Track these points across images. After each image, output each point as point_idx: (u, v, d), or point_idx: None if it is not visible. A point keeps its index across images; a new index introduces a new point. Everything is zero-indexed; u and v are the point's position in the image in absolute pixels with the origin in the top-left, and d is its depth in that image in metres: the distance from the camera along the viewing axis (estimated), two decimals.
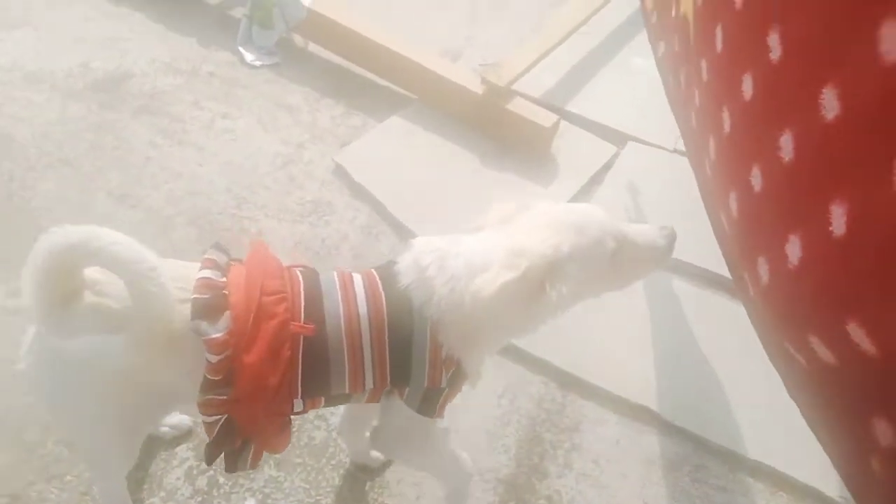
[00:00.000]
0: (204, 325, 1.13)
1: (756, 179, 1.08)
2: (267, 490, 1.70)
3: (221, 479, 1.70)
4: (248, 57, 3.01)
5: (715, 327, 2.18)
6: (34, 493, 1.62)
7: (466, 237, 1.31)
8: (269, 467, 1.73)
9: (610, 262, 1.30)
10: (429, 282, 1.23)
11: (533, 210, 1.32)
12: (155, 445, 1.74)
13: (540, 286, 1.18)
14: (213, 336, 1.12)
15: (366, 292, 1.27)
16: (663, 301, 2.26)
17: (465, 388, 1.36)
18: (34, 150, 2.44)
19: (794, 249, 0.96)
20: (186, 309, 1.14)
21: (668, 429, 1.93)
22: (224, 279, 1.20)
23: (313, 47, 3.13)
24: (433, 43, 3.19)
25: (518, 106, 2.68)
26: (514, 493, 1.77)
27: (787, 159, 0.96)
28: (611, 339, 2.11)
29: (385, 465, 1.77)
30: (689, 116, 1.58)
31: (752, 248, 1.17)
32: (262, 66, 3.00)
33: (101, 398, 1.22)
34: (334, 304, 1.24)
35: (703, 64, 1.35)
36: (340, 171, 2.55)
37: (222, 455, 1.25)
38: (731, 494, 1.82)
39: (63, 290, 1.10)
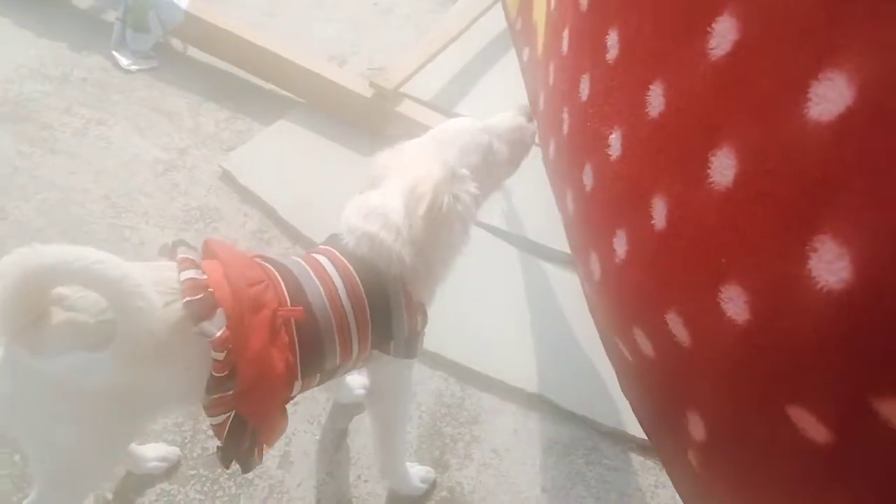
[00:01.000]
0: (207, 326, 1.11)
1: (588, 178, 1.11)
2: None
3: (109, 496, 1.61)
4: (124, 62, 2.88)
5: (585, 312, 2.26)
6: None
7: (375, 194, 1.41)
8: (160, 481, 1.66)
9: (492, 154, 1.50)
10: (383, 246, 1.33)
11: (405, 150, 1.48)
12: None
13: (451, 198, 1.33)
14: (217, 334, 1.12)
15: (336, 269, 1.34)
16: (543, 290, 2.33)
17: None
18: None
19: (620, 243, 1.00)
20: (170, 313, 1.11)
21: (561, 415, 1.99)
22: (205, 277, 1.17)
23: (193, 51, 3.04)
24: (318, 48, 3.17)
25: (407, 108, 2.71)
26: None
27: (614, 156, 0.99)
28: (502, 332, 2.15)
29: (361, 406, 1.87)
30: (539, 121, 1.63)
31: (585, 244, 1.21)
32: (138, 70, 2.88)
33: (84, 417, 1.14)
34: (313, 288, 1.30)
35: (551, 67, 1.40)
36: (227, 177, 2.48)
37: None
38: (623, 473, 1.89)
39: (34, 309, 1.05)
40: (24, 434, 1.20)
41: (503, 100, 3.05)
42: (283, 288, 1.26)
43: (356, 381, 1.89)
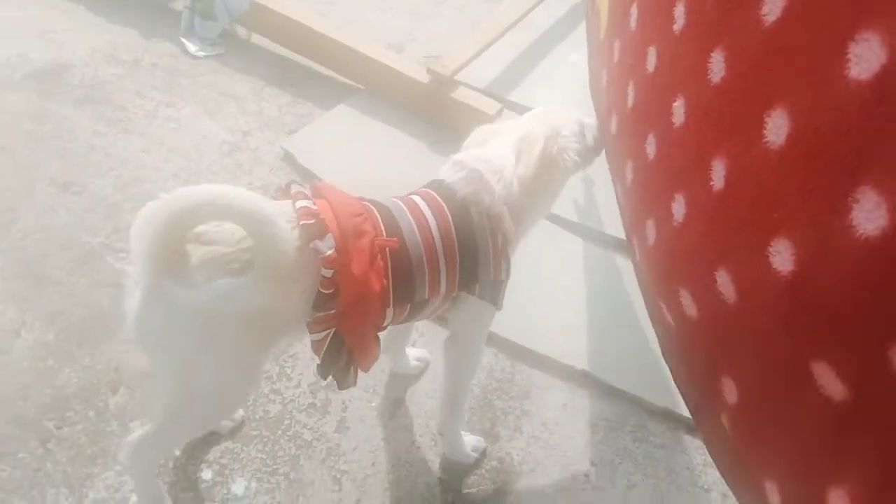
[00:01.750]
0: (320, 244, 1.24)
1: (650, 147, 1.15)
2: (224, 461, 1.71)
3: (177, 452, 1.70)
4: (192, 48, 3.01)
5: None
6: None
7: (480, 150, 1.56)
8: (224, 440, 1.75)
9: (583, 137, 1.61)
10: (486, 184, 1.45)
11: (506, 121, 1.64)
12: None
13: (560, 148, 1.51)
14: (328, 253, 1.24)
15: (430, 208, 1.45)
16: (602, 273, 2.37)
17: None
18: None
19: (679, 207, 1.04)
20: (294, 237, 1.24)
21: (610, 392, 2.03)
22: (316, 207, 1.30)
23: (257, 38, 3.15)
24: (375, 36, 3.25)
25: (463, 95, 2.76)
26: None
27: (677, 124, 1.03)
28: (555, 311, 2.19)
29: (421, 372, 2.00)
30: (601, 100, 1.67)
31: (642, 212, 1.25)
32: (205, 56, 3.00)
33: (228, 340, 1.28)
34: (406, 221, 1.41)
35: (616, 45, 1.44)
36: (289, 158, 2.58)
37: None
38: (670, 451, 1.92)
39: (180, 246, 1.18)
40: (168, 364, 1.33)
41: (556, 89, 3.12)
42: (380, 221, 1.38)
43: (413, 352, 1.96)
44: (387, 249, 1.35)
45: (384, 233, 1.37)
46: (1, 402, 1.72)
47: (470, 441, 1.81)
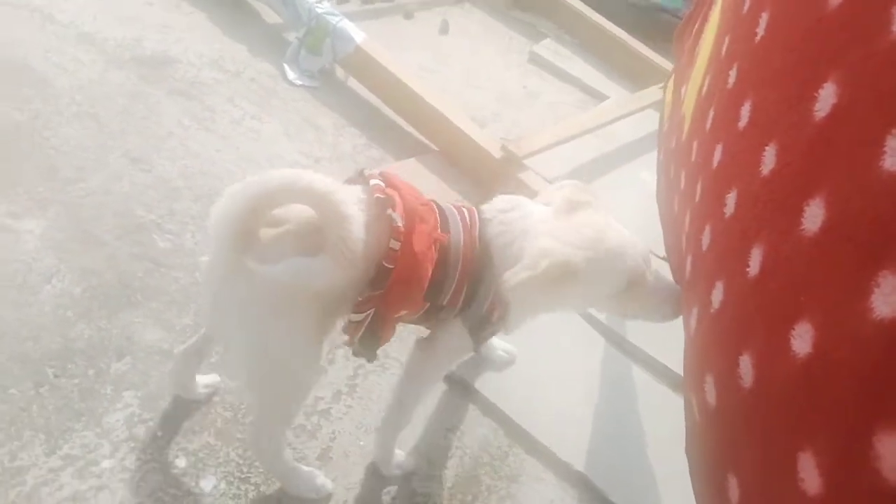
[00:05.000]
0: (394, 213, 1.32)
1: (706, 238, 1.18)
2: (201, 454, 1.68)
3: (160, 433, 1.69)
4: (291, 74, 3.16)
5: (666, 423, 2.21)
6: None
7: (535, 206, 1.57)
8: (208, 434, 1.73)
9: (616, 295, 1.50)
10: (508, 237, 1.48)
11: (591, 211, 1.51)
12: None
13: (555, 283, 1.37)
14: (399, 225, 1.33)
15: (471, 221, 1.51)
16: (621, 384, 2.31)
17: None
18: (67, 98, 2.53)
19: (717, 294, 1.04)
20: (362, 218, 1.31)
21: (599, 501, 1.94)
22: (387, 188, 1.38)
23: (353, 83, 3.30)
24: (462, 109, 3.36)
25: (529, 178, 2.82)
26: None
27: (728, 214, 1.06)
28: (564, 407, 2.14)
29: None
30: (672, 206, 1.69)
31: (691, 303, 1.25)
32: (301, 85, 3.15)
33: (299, 315, 1.34)
34: (456, 226, 1.48)
35: (694, 145, 1.47)
36: None
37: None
38: None
39: (258, 225, 1.27)
40: (246, 343, 1.38)
41: (619, 200, 3.14)
42: (438, 217, 1.46)
43: None
44: (438, 244, 1.42)
45: (439, 228, 1.44)
46: (12, 337, 1.75)
47: (400, 457, 1.80)
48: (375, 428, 1.81)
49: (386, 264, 1.34)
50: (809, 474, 0.70)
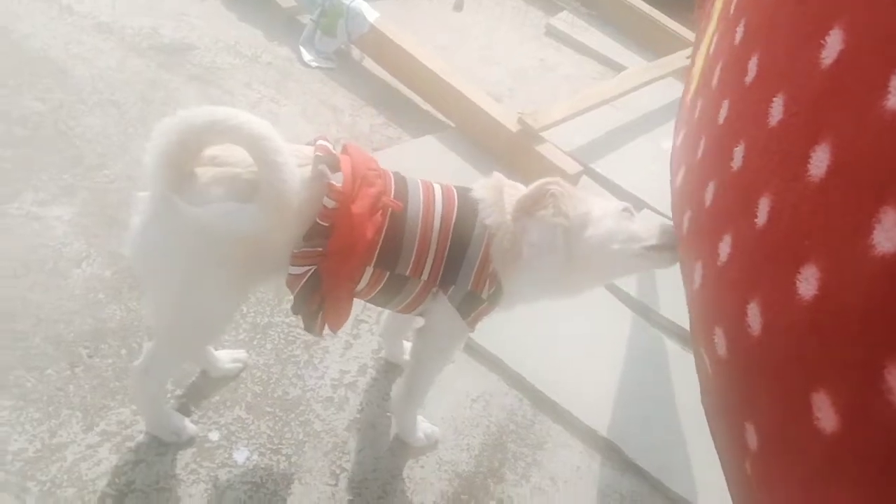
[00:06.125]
0: (327, 169, 1.30)
1: (709, 193, 1.18)
2: (233, 428, 1.73)
3: (192, 408, 1.73)
4: (307, 57, 3.18)
5: (693, 390, 2.21)
6: (12, 378, 1.65)
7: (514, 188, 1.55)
8: (239, 408, 1.77)
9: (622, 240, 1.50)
10: (500, 204, 1.47)
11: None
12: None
13: (545, 205, 1.43)
14: (334, 183, 1.30)
15: (442, 195, 1.49)
16: (648, 353, 2.32)
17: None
18: (88, 87, 2.57)
19: (724, 247, 1.05)
20: (302, 172, 1.29)
21: (628, 468, 1.96)
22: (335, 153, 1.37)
23: (368, 63, 3.31)
24: (478, 84, 3.36)
25: (547, 150, 2.81)
26: (468, 488, 1.79)
27: (735, 168, 1.06)
28: (590, 375, 2.15)
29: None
30: (676, 153, 1.69)
31: (694, 253, 1.26)
32: (317, 67, 3.16)
33: (221, 262, 1.32)
34: (416, 195, 1.46)
35: (698, 104, 1.47)
36: None
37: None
38: None
39: (190, 163, 1.24)
40: (160, 278, 1.36)
41: (642, 170, 3.13)
42: (393, 185, 1.44)
43: (408, 345, 1.96)
44: (389, 211, 1.39)
45: (392, 196, 1.42)
46: (46, 320, 1.79)
47: (426, 427, 1.83)
48: (391, 408, 1.84)
49: (319, 221, 1.32)
50: (825, 413, 0.71)
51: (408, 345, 1.98)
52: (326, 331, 1.50)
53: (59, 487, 1.51)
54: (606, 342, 2.30)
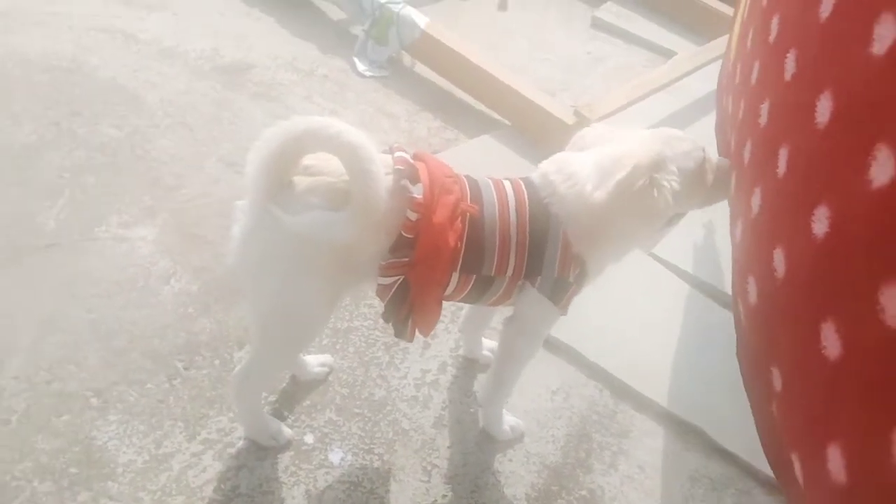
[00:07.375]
0: (409, 183, 1.34)
1: (755, 200, 1.20)
2: (326, 430, 1.78)
3: (286, 413, 1.80)
4: (361, 67, 3.25)
5: None
6: (115, 393, 1.74)
7: (575, 155, 1.53)
8: (329, 411, 1.83)
9: (701, 172, 1.50)
10: (555, 185, 1.48)
11: (621, 130, 1.56)
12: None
13: (649, 184, 1.38)
14: (416, 196, 1.34)
15: (514, 191, 1.50)
16: (717, 333, 2.29)
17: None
18: (160, 111, 2.68)
19: (756, 200, 1.12)
20: (387, 181, 1.32)
21: (715, 451, 1.95)
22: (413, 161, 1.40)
23: (420, 68, 3.36)
24: (530, 81, 3.37)
25: None
26: (557, 480, 1.81)
27: (780, 174, 1.07)
28: (666, 360, 2.15)
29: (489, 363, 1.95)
30: (730, 125, 1.72)
31: (735, 215, 1.32)
32: (371, 76, 3.23)
33: (315, 269, 1.37)
34: (490, 196, 1.48)
35: (738, 66, 1.51)
36: None
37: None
38: None
39: (288, 172, 1.29)
40: (260, 285, 1.42)
41: None
42: (468, 189, 1.46)
43: (487, 343, 2.02)
44: (467, 215, 1.41)
45: (469, 200, 1.44)
46: (142, 336, 1.88)
47: (510, 420, 1.85)
48: (478, 402, 1.87)
49: (404, 233, 1.35)
50: (830, 342, 0.76)
51: (486, 341, 2.01)
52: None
53: (170, 496, 1.58)
54: (675, 326, 2.29)
